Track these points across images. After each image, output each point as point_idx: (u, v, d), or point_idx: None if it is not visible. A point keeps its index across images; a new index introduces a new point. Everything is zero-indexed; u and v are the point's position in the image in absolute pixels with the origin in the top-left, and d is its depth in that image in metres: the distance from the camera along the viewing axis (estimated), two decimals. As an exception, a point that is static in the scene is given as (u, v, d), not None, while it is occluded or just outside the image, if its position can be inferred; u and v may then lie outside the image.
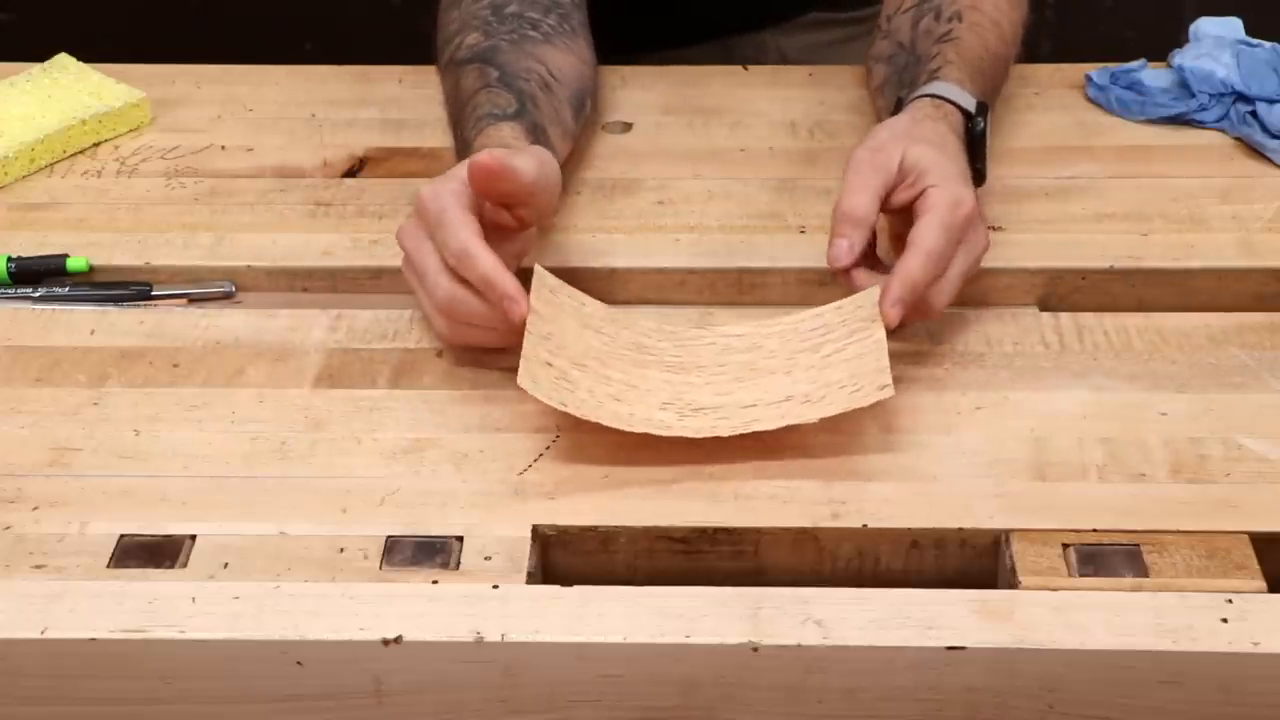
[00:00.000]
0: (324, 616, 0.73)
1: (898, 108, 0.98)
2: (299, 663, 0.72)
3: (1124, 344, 0.91)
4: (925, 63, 1.01)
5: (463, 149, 0.97)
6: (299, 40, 1.97)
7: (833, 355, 0.85)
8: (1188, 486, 0.81)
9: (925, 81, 0.99)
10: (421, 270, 0.87)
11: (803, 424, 0.82)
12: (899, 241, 0.90)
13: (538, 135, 0.97)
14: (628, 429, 0.81)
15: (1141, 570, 0.76)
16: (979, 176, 0.96)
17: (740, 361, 0.86)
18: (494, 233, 0.88)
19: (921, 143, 0.91)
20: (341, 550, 0.78)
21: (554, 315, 0.86)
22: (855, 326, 0.86)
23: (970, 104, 0.97)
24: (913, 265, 0.86)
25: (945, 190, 0.88)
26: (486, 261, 0.84)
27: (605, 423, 0.81)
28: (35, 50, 1.19)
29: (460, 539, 0.78)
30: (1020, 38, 1.09)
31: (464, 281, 0.85)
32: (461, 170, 0.88)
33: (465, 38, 1.06)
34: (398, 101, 1.16)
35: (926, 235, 0.87)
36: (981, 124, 0.97)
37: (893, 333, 0.86)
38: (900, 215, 0.90)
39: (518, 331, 0.84)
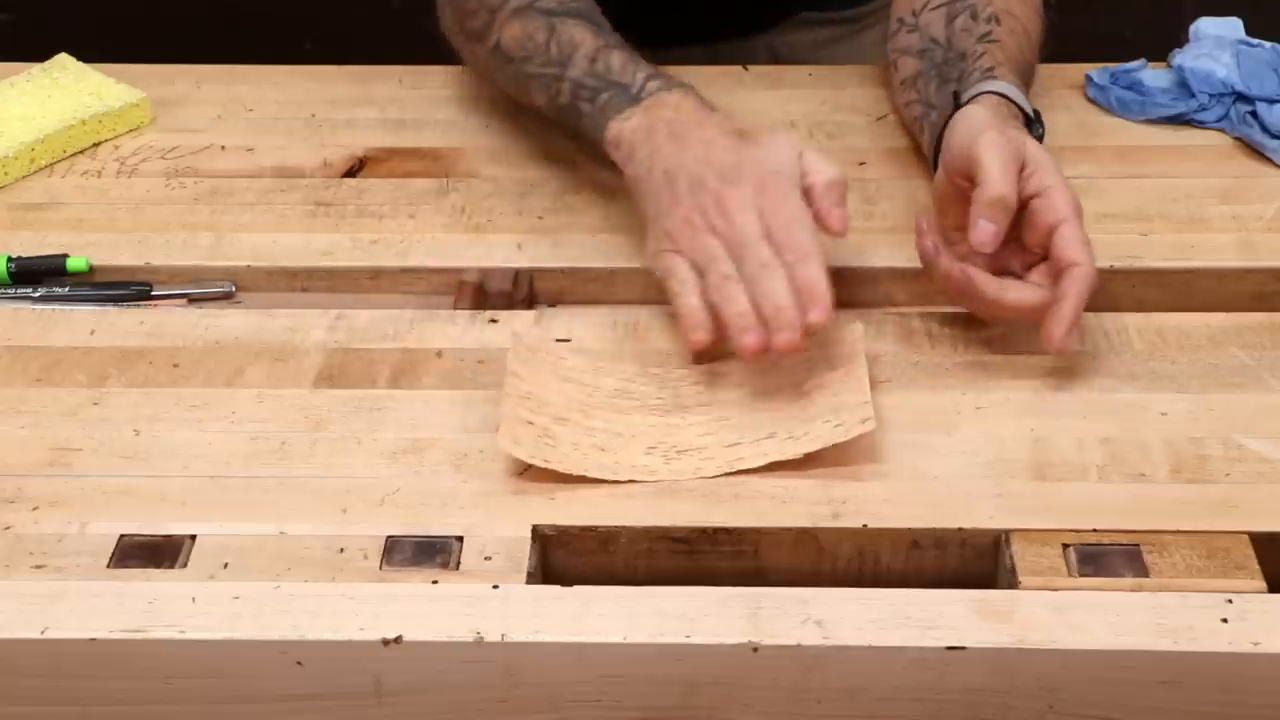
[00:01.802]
0: (324, 616, 0.73)
1: (956, 103, 0.96)
2: (299, 663, 0.72)
3: (1124, 344, 0.91)
4: (972, 59, 1.00)
5: (623, 95, 0.96)
6: (299, 40, 1.97)
7: (814, 391, 0.85)
8: (1188, 486, 0.81)
9: (981, 79, 0.97)
10: (724, 279, 0.86)
11: (787, 459, 0.82)
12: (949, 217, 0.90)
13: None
14: (613, 478, 0.81)
15: (1141, 570, 0.76)
16: None
17: (723, 399, 0.86)
18: None
19: (1024, 138, 0.90)
20: (341, 550, 0.78)
21: (532, 373, 0.86)
22: (836, 363, 0.86)
23: (1029, 109, 0.97)
24: (1083, 292, 0.85)
25: (1068, 195, 0.87)
26: (819, 270, 0.84)
27: (591, 475, 0.81)
28: (35, 50, 1.19)
29: (460, 539, 0.78)
30: (1040, 44, 1.09)
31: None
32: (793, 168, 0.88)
33: None
34: (398, 101, 1.16)
35: (1078, 253, 0.86)
36: (1041, 129, 0.96)
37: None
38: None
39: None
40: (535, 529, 0.79)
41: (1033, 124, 0.96)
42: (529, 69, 1.03)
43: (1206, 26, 1.16)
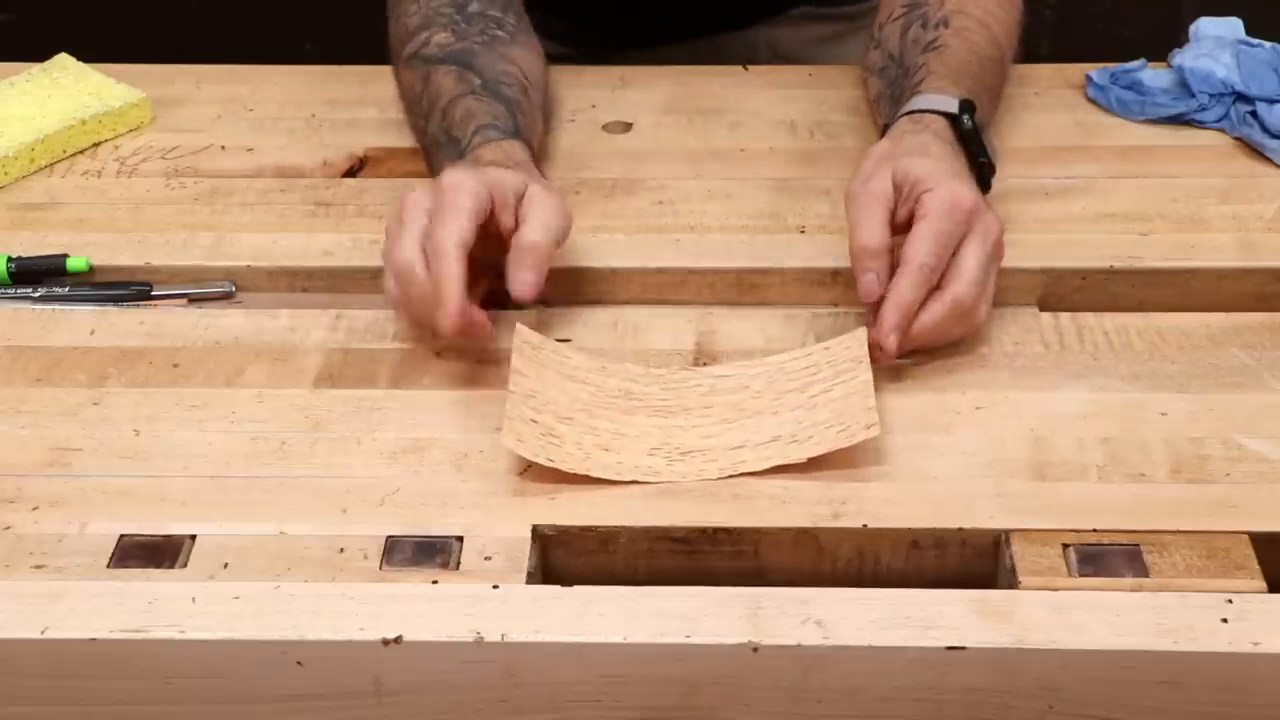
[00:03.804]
0: (324, 616, 0.73)
1: (884, 133, 0.98)
2: (299, 663, 0.72)
3: (1124, 344, 0.91)
4: (911, 76, 1.02)
5: (453, 152, 0.98)
6: (299, 40, 1.97)
7: (820, 395, 0.85)
8: (1188, 486, 0.81)
9: (908, 98, 0.99)
10: (405, 222, 0.88)
11: (789, 463, 0.82)
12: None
13: (529, 147, 0.99)
14: (616, 478, 0.81)
15: (1141, 570, 0.76)
16: (984, 170, 0.96)
17: (727, 402, 0.86)
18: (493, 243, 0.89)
19: (906, 155, 0.91)
20: (341, 550, 0.78)
21: (537, 372, 0.86)
22: (842, 367, 0.86)
23: (952, 106, 0.97)
24: (902, 287, 0.86)
25: (937, 193, 0.88)
26: (451, 269, 0.84)
27: (594, 474, 0.81)
28: (35, 50, 1.19)
29: (460, 539, 0.78)
30: (1016, 37, 1.09)
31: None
32: (478, 192, 0.88)
33: (433, 35, 1.06)
34: (398, 101, 1.16)
35: (912, 250, 0.87)
36: (968, 121, 0.96)
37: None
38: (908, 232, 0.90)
39: (448, 335, 0.85)
40: (535, 529, 0.79)
41: (957, 118, 0.96)
42: (410, 118, 1.07)
43: (1206, 26, 1.16)
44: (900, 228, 0.90)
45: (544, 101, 1.08)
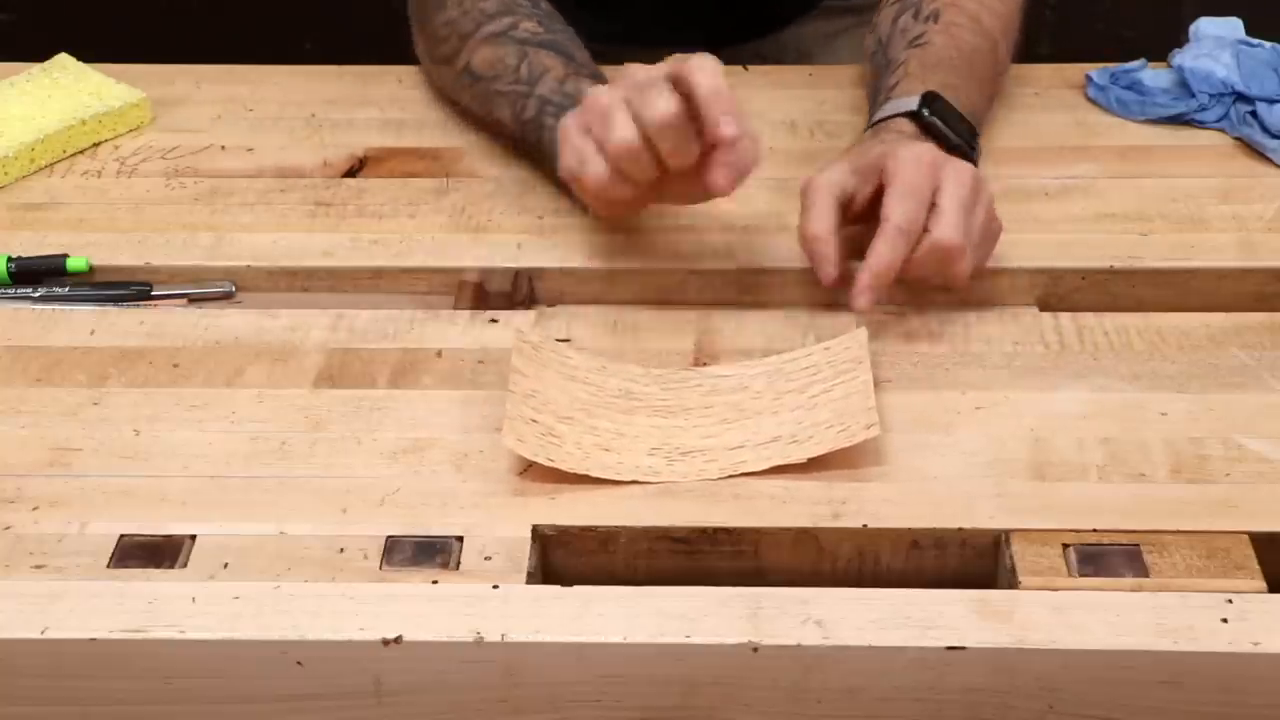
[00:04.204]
0: (324, 616, 0.73)
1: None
2: (299, 663, 0.72)
3: (1124, 344, 0.91)
4: (889, 74, 1.02)
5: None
6: (299, 40, 1.97)
7: (820, 396, 0.85)
8: (1188, 486, 0.81)
9: (880, 103, 1.00)
10: (611, 106, 0.87)
11: (789, 463, 0.82)
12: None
13: None
14: (616, 478, 0.81)
15: (1141, 570, 0.76)
16: (960, 152, 0.96)
17: (727, 402, 0.86)
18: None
19: (863, 147, 0.94)
20: (341, 550, 0.78)
21: (537, 372, 0.86)
22: (842, 368, 0.86)
23: (913, 104, 0.98)
24: (878, 248, 0.88)
25: (898, 155, 0.90)
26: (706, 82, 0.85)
27: (594, 474, 0.81)
28: (35, 50, 1.19)
29: (460, 539, 0.78)
30: (1011, 28, 1.09)
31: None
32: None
33: (520, 20, 1.07)
34: (398, 101, 1.16)
35: (888, 210, 0.88)
36: (927, 113, 0.97)
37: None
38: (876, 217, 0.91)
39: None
40: (535, 529, 0.79)
41: (917, 112, 0.97)
42: (497, 86, 1.05)
43: (1206, 26, 1.16)
44: (864, 208, 0.92)
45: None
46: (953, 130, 0.97)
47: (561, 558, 0.80)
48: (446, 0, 1.10)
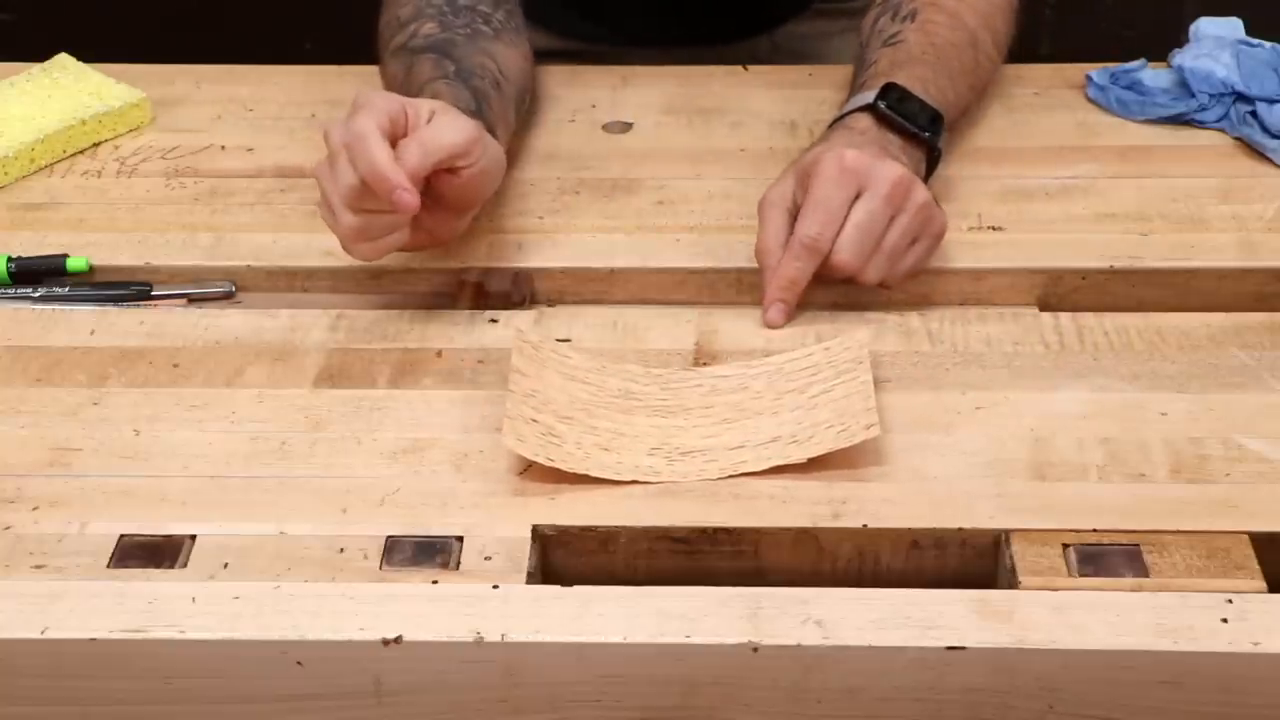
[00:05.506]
0: (324, 616, 0.73)
1: None
2: (299, 663, 0.72)
3: (1124, 344, 0.91)
4: (862, 72, 1.03)
5: None
6: (299, 40, 1.97)
7: (820, 396, 0.85)
8: (1188, 486, 0.81)
9: (847, 102, 1.01)
10: (333, 157, 0.89)
11: (789, 464, 0.82)
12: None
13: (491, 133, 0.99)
14: (615, 478, 0.81)
15: (1141, 570, 0.76)
16: (922, 139, 0.97)
17: (728, 403, 0.86)
18: (431, 201, 0.90)
19: (809, 152, 0.95)
20: (341, 550, 0.78)
21: (537, 371, 0.86)
22: (843, 368, 0.86)
23: (870, 97, 0.98)
24: (784, 262, 0.92)
25: (819, 163, 0.91)
26: (379, 152, 0.86)
27: (594, 474, 0.81)
28: (35, 50, 1.19)
29: (460, 539, 0.78)
30: (992, 21, 1.09)
31: None
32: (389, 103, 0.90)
33: (421, 26, 1.07)
34: (398, 101, 1.16)
35: (798, 225, 0.92)
36: (883, 104, 0.97)
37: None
38: None
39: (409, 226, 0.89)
40: (535, 529, 0.79)
41: (873, 106, 0.97)
42: None
43: (1206, 26, 1.16)
44: None
45: (520, 100, 1.08)
46: (910, 119, 0.97)
47: (561, 558, 0.80)
48: (383, 5, 1.12)
